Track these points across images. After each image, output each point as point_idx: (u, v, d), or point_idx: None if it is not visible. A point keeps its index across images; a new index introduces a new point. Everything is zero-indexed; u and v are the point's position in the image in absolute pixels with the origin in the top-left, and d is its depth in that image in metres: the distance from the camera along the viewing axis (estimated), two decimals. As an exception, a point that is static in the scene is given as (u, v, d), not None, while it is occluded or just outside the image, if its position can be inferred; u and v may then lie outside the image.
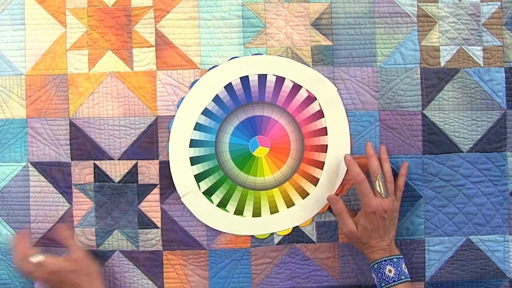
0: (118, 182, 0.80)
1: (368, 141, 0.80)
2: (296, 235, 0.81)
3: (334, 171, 0.81)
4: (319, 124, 0.81)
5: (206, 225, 0.81)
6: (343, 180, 0.81)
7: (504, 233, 0.82)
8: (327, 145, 0.81)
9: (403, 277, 0.72)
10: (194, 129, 0.80)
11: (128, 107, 0.80)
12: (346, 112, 0.81)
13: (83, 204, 0.81)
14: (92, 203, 0.81)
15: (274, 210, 0.81)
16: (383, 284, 0.72)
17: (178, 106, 0.80)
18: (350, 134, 0.81)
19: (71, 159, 0.80)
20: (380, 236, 0.73)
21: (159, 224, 0.81)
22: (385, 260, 0.72)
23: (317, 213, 0.81)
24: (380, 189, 0.73)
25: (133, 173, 0.80)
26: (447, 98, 0.82)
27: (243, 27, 0.81)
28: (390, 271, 0.72)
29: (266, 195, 0.81)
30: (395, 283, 0.71)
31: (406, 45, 0.81)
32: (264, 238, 0.81)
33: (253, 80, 0.80)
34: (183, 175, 0.80)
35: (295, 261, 0.82)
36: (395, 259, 0.73)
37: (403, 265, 0.73)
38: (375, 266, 0.73)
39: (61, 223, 0.80)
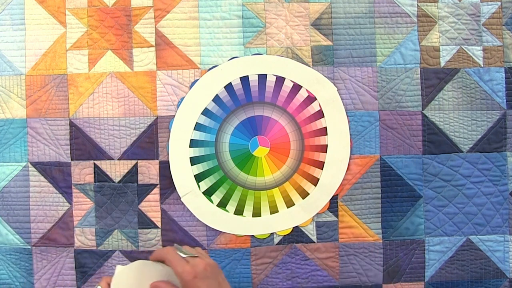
0: (118, 182, 0.80)
1: (368, 141, 0.80)
2: (296, 235, 0.81)
3: (334, 171, 0.81)
4: (319, 124, 0.81)
5: (206, 225, 0.81)
6: (343, 180, 0.81)
7: (504, 233, 0.82)
8: (327, 145, 0.81)
9: None
10: (194, 129, 0.80)
11: (128, 107, 0.80)
12: (346, 112, 0.81)
13: (83, 204, 0.81)
14: (92, 203, 0.81)
15: (274, 210, 0.81)
16: None
17: (178, 106, 0.80)
18: (350, 134, 0.81)
19: (71, 159, 0.80)
20: None
21: (159, 224, 0.81)
22: None
23: (317, 213, 0.81)
24: (186, 253, 0.63)
25: (133, 173, 0.80)
26: (447, 98, 0.82)
27: (243, 27, 0.81)
28: None
29: (266, 195, 0.81)
30: None
31: (406, 45, 0.81)
32: (264, 238, 0.81)
33: (253, 80, 0.80)
34: (183, 175, 0.80)
35: (295, 261, 0.82)
36: None
37: None
38: None
39: (60, 223, 0.80)
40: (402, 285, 0.82)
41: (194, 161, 0.80)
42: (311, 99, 0.81)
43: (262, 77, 0.80)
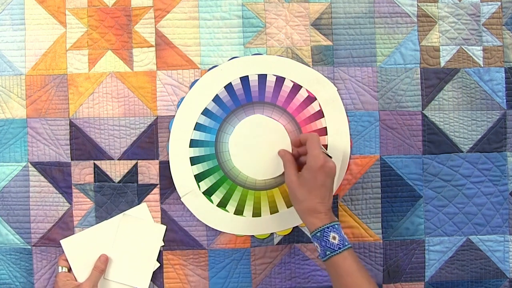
0: (118, 182, 0.80)
1: (368, 141, 0.80)
2: (296, 235, 0.81)
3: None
4: (319, 124, 0.81)
5: (206, 225, 0.81)
6: (343, 180, 0.81)
7: (504, 233, 0.82)
8: (327, 145, 0.80)
9: (346, 243, 0.67)
10: (194, 129, 0.80)
11: (128, 107, 0.80)
12: (346, 112, 0.81)
13: (83, 204, 0.81)
14: (92, 203, 0.81)
15: (274, 210, 0.81)
16: (328, 253, 0.67)
17: (178, 106, 0.80)
18: (350, 134, 0.81)
19: (71, 159, 0.80)
20: (322, 197, 0.69)
21: (159, 224, 0.81)
22: (328, 227, 0.67)
23: (317, 213, 0.81)
24: (327, 149, 0.71)
25: (133, 173, 0.80)
26: (447, 98, 0.82)
27: (243, 27, 0.81)
28: (334, 238, 0.67)
29: (266, 195, 0.81)
30: (340, 250, 0.67)
31: (406, 45, 0.81)
32: (264, 238, 0.81)
33: (253, 80, 0.80)
34: (183, 175, 0.80)
35: (295, 261, 0.82)
36: (337, 226, 0.68)
37: (343, 231, 0.69)
38: (318, 234, 0.68)
39: (60, 223, 0.80)
40: (402, 285, 0.82)
41: (194, 161, 0.80)
42: (311, 99, 0.81)
43: (262, 77, 0.80)
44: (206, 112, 0.80)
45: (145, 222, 0.80)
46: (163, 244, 0.80)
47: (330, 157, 0.71)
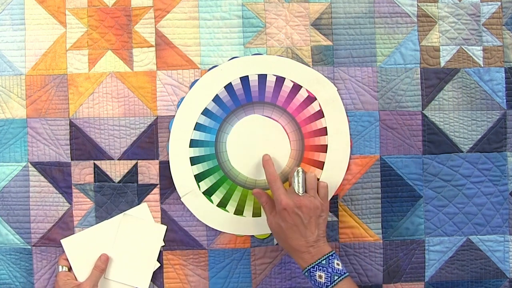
0: (118, 182, 0.80)
1: (368, 141, 0.80)
2: (296, 235, 0.81)
3: (334, 171, 0.81)
4: (319, 124, 0.81)
5: (206, 225, 0.81)
6: (343, 180, 0.81)
7: (504, 233, 0.82)
8: (327, 145, 0.81)
9: (336, 278, 0.66)
10: (194, 129, 0.80)
11: (128, 107, 0.80)
12: (346, 112, 0.81)
13: (83, 204, 0.81)
14: (92, 203, 0.81)
15: (274, 210, 0.81)
16: None
17: (178, 106, 0.80)
18: (350, 134, 0.81)
19: (71, 159, 0.80)
20: (301, 234, 0.69)
21: (159, 224, 0.81)
22: (313, 267, 0.67)
23: (317, 213, 0.81)
24: (298, 185, 0.71)
25: (133, 173, 0.80)
26: (447, 98, 0.82)
27: (243, 27, 0.81)
28: (320, 276, 0.67)
29: (266, 195, 0.81)
30: (331, 286, 0.66)
31: (406, 45, 0.81)
32: (264, 238, 0.81)
33: (253, 80, 0.80)
34: (183, 175, 0.80)
35: (295, 261, 0.81)
36: (323, 261, 0.67)
37: (336, 262, 0.68)
38: (306, 274, 0.69)
39: (60, 223, 0.80)
40: (402, 285, 0.82)
41: (194, 161, 0.80)
42: (311, 99, 0.81)
43: (262, 77, 0.80)
44: (206, 112, 0.80)
45: (145, 222, 0.80)
46: (163, 244, 0.80)
47: (303, 193, 0.70)
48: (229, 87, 0.80)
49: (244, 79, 0.80)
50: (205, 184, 0.81)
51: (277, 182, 0.72)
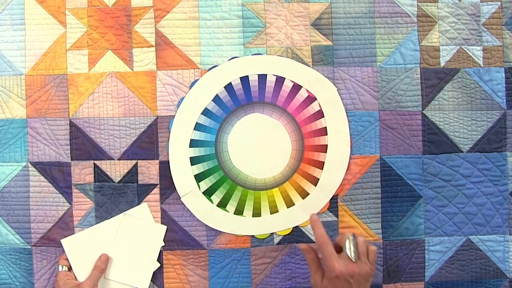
0: (118, 182, 0.80)
1: (368, 141, 0.80)
2: (296, 235, 0.81)
3: (334, 171, 0.81)
4: (319, 124, 0.81)
5: (206, 225, 0.81)
6: (343, 180, 0.81)
7: (504, 233, 0.82)
8: (327, 145, 0.81)
9: None
10: (194, 129, 0.80)
11: (128, 107, 0.80)
12: (346, 112, 0.81)
13: (83, 204, 0.81)
14: (92, 203, 0.81)
15: (274, 210, 0.81)
16: None
17: (178, 106, 0.80)
18: (350, 134, 0.81)
19: (71, 159, 0.80)
20: None
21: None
22: None
23: (317, 213, 0.81)
24: (350, 251, 0.69)
25: (133, 173, 0.80)
26: (447, 98, 0.82)
27: (243, 27, 0.81)
28: None
29: (266, 195, 0.81)
30: None
31: (406, 45, 0.81)
32: (264, 238, 0.81)
33: (253, 80, 0.80)
34: (183, 175, 0.80)
35: (295, 261, 0.82)
36: None
37: None
38: None
39: (60, 223, 0.80)
40: (402, 285, 0.82)
41: (194, 161, 0.80)
42: (311, 99, 0.81)
43: (262, 77, 0.80)
44: (206, 112, 0.80)
45: (145, 222, 0.80)
46: (163, 244, 0.80)
47: (356, 259, 0.69)
48: (229, 87, 0.80)
49: (244, 79, 0.80)
50: (205, 184, 0.81)
51: (329, 246, 0.69)
